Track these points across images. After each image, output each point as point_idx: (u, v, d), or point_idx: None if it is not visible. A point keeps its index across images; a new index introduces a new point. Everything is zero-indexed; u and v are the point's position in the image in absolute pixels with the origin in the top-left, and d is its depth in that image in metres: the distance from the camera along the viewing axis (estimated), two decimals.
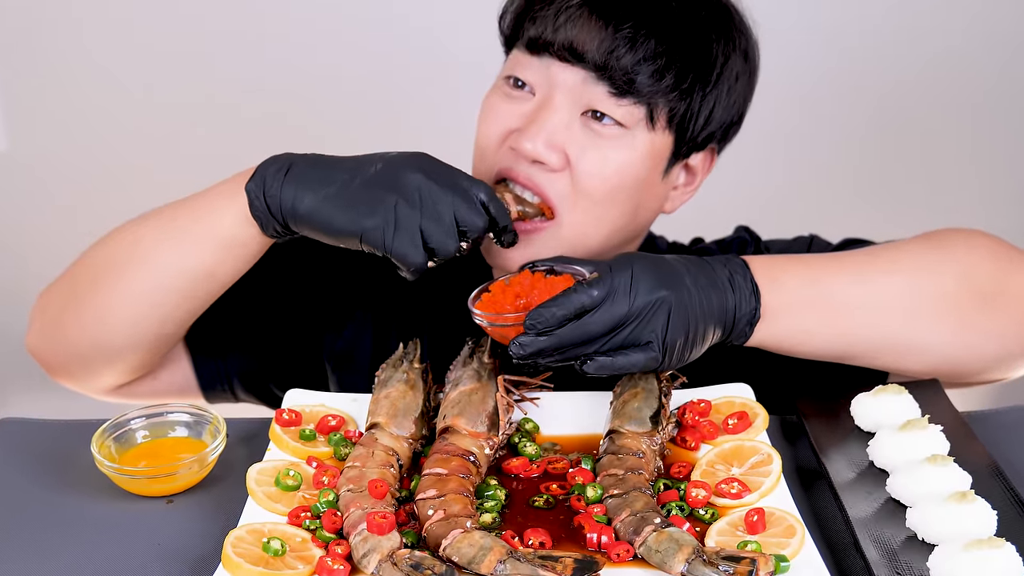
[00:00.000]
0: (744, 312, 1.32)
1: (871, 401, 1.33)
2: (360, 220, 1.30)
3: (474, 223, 1.32)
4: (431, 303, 1.68)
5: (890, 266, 1.40)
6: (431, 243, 1.30)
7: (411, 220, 1.29)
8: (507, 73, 1.50)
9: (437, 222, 1.30)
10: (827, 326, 1.37)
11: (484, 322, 1.31)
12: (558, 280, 1.32)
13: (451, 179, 1.32)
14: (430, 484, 1.23)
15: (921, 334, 1.40)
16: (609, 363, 1.26)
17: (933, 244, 1.44)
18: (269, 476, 1.27)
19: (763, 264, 1.36)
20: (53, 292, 1.53)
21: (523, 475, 1.31)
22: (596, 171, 1.44)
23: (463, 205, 1.31)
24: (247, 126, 2.80)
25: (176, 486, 1.30)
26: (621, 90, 1.42)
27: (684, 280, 1.28)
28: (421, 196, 1.30)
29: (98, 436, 1.32)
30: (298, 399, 1.42)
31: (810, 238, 1.70)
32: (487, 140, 1.50)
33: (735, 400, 1.40)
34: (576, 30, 1.42)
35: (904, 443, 1.25)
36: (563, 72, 1.44)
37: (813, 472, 1.33)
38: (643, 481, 1.24)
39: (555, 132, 1.43)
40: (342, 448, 1.33)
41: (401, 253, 1.29)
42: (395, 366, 1.42)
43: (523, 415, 1.41)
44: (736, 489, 1.23)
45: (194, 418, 1.37)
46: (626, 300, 1.25)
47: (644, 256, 1.30)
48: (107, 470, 1.29)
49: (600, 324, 1.25)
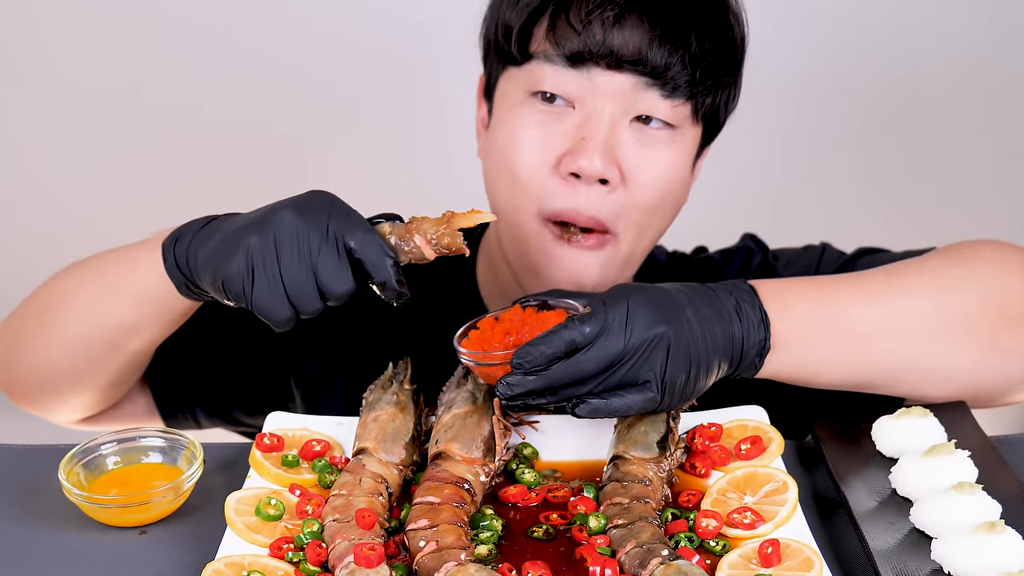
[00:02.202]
0: (753, 343, 1.31)
1: (894, 425, 1.33)
2: (222, 267, 1.24)
3: (331, 283, 1.23)
4: (415, 323, 1.68)
5: (911, 286, 1.40)
6: (291, 296, 1.24)
7: (270, 267, 1.23)
8: (532, 90, 1.47)
9: (294, 272, 1.22)
10: (844, 354, 1.37)
11: (470, 361, 1.30)
12: (550, 315, 1.31)
13: (318, 219, 1.22)
14: (422, 514, 1.22)
15: (945, 358, 1.39)
16: (603, 406, 1.25)
17: (956, 259, 1.44)
18: (249, 505, 1.26)
19: (772, 289, 1.35)
20: (6, 326, 1.59)
21: (521, 504, 1.31)
22: (653, 180, 1.46)
23: (326, 255, 1.22)
24: (221, 127, 2.84)
25: (150, 516, 1.29)
26: (672, 91, 1.44)
27: (685, 312, 1.27)
28: (277, 241, 1.22)
29: (66, 462, 1.31)
30: (280, 423, 1.42)
31: (822, 248, 1.70)
32: (531, 168, 1.47)
33: (748, 424, 1.39)
34: (626, 35, 1.42)
35: (929, 470, 1.24)
36: (610, 80, 1.44)
37: (831, 501, 1.33)
38: (650, 510, 1.23)
39: (609, 143, 1.44)
40: (327, 475, 1.33)
41: (262, 307, 1.24)
42: (384, 387, 1.41)
43: (521, 440, 1.40)
44: (749, 519, 1.23)
45: (169, 443, 1.37)
46: (621, 337, 1.23)
47: (640, 288, 1.29)
48: (76, 499, 1.28)
49: (593, 363, 1.23)
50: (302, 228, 1.22)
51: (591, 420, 1.41)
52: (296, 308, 1.25)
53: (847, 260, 1.65)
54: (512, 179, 1.49)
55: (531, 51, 1.47)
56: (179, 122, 2.86)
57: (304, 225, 1.22)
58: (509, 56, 1.50)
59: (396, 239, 1.26)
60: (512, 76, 1.51)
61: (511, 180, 1.49)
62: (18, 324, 1.55)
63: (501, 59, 1.53)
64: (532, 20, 1.47)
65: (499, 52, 1.53)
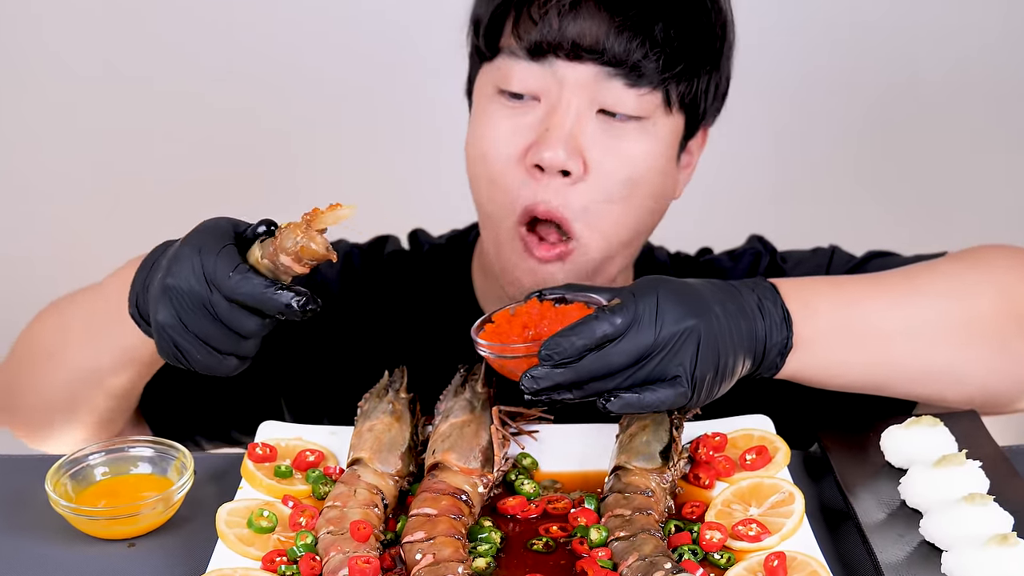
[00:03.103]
0: (776, 341, 1.31)
1: (903, 434, 1.33)
2: (159, 351, 1.25)
3: (241, 328, 1.20)
4: (411, 328, 1.68)
5: (928, 288, 1.40)
6: (221, 349, 1.22)
7: (187, 338, 1.21)
8: (499, 86, 1.49)
9: (208, 330, 1.21)
10: (864, 355, 1.37)
11: (490, 354, 1.28)
12: (570, 309, 1.30)
13: (196, 277, 1.19)
14: (418, 526, 1.22)
15: (958, 361, 1.39)
16: (636, 400, 1.24)
17: (970, 263, 1.45)
18: (241, 517, 1.26)
19: (793, 288, 1.35)
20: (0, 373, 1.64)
21: (520, 516, 1.30)
22: (616, 169, 1.45)
23: (221, 308, 1.20)
24: (217, 125, 2.87)
25: (139, 528, 1.28)
26: (637, 80, 1.43)
27: (712, 307, 1.27)
28: (179, 311, 1.20)
29: (53, 473, 1.31)
30: (273, 432, 1.41)
31: (831, 250, 1.70)
32: (500, 165, 1.48)
33: (753, 433, 1.39)
34: (584, 24, 1.42)
35: (939, 480, 1.24)
36: (572, 71, 1.44)
37: (839, 512, 1.32)
38: (652, 522, 1.23)
39: (573, 134, 1.44)
40: (321, 486, 1.32)
41: (207, 370, 1.23)
42: (379, 396, 1.41)
43: (520, 449, 1.40)
44: (754, 531, 1.22)
45: (158, 453, 1.36)
46: (652, 329, 1.23)
47: (668, 281, 1.28)
48: (63, 510, 1.27)
49: (623, 355, 1.22)
50: (193, 290, 1.20)
51: (592, 430, 1.42)
52: (235, 354, 1.24)
53: (857, 263, 1.66)
54: (488, 177, 1.50)
55: (499, 46, 1.49)
56: (176, 122, 2.89)
57: (190, 285, 1.20)
58: (481, 51, 1.52)
59: (268, 261, 1.21)
60: (484, 72, 1.53)
61: (487, 178, 1.50)
62: (10, 376, 1.61)
63: (477, 55, 1.55)
64: (499, 14, 1.49)
65: (474, 48, 1.55)
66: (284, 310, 1.18)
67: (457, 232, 1.79)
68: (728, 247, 1.80)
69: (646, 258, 1.71)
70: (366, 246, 1.78)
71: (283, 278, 1.21)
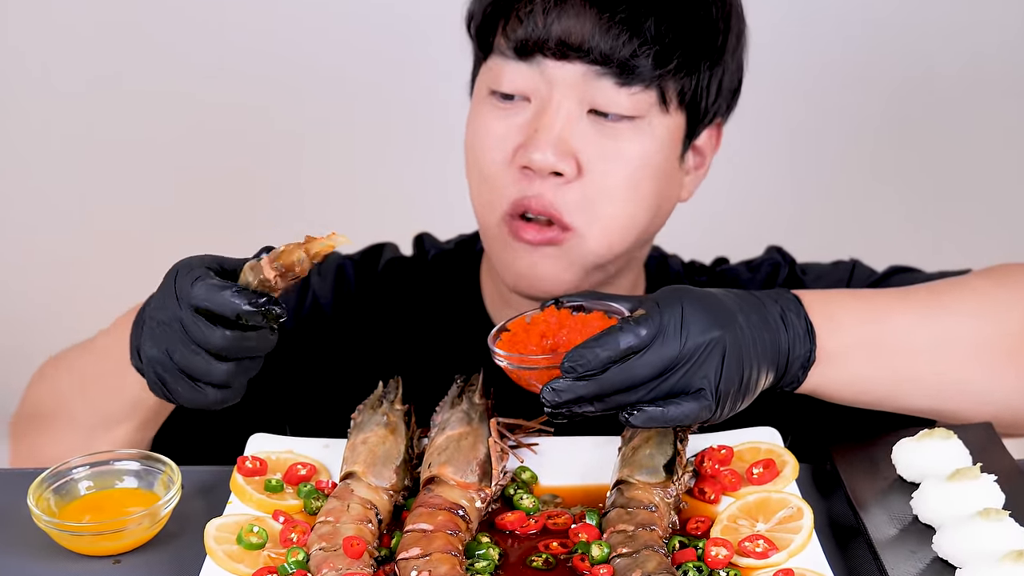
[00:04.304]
0: (799, 354, 1.31)
1: (915, 447, 1.32)
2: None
3: (209, 344, 1.22)
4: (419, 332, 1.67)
5: (956, 305, 1.41)
6: (200, 377, 1.26)
7: (171, 373, 1.26)
8: (491, 87, 1.50)
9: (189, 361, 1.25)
10: (888, 371, 1.37)
11: (509, 364, 1.28)
12: (591, 318, 1.30)
13: (174, 307, 1.24)
14: (413, 542, 1.21)
15: (984, 380, 1.40)
16: (660, 414, 1.23)
17: (998, 281, 1.45)
18: (230, 532, 1.25)
19: (817, 300, 1.35)
20: (12, 427, 1.66)
21: (519, 531, 1.30)
22: (612, 170, 1.45)
23: (196, 331, 1.23)
24: (217, 127, 2.90)
25: (124, 544, 1.28)
26: (628, 78, 1.43)
27: (737, 318, 1.27)
28: (169, 350, 1.25)
29: (35, 487, 1.30)
30: (263, 445, 1.41)
31: (852, 264, 1.71)
32: (492, 166, 1.49)
33: (760, 446, 1.39)
34: (570, 21, 1.42)
35: (953, 495, 1.24)
36: (560, 70, 1.44)
37: (849, 528, 1.32)
38: (656, 538, 1.22)
39: (563, 136, 1.44)
40: (313, 501, 1.32)
41: (192, 404, 1.27)
42: (373, 408, 1.40)
43: (519, 463, 1.39)
44: (762, 547, 1.22)
45: (144, 467, 1.35)
46: (677, 341, 1.22)
47: (691, 291, 1.28)
48: (46, 526, 1.27)
49: (647, 368, 1.22)
50: (167, 311, 1.24)
51: (593, 442, 1.41)
52: (210, 381, 1.25)
53: (879, 278, 1.66)
54: (480, 178, 1.51)
55: (492, 45, 1.50)
56: (172, 119, 2.91)
57: (164, 307, 1.24)
58: (478, 47, 1.54)
59: (252, 278, 1.23)
60: (481, 71, 1.54)
61: (480, 179, 1.51)
62: (17, 433, 1.64)
63: (474, 54, 1.56)
64: (490, 13, 1.50)
65: (473, 43, 1.56)
66: (241, 311, 1.20)
67: (465, 237, 1.78)
68: (741, 249, 1.80)
69: (659, 266, 1.71)
70: (359, 256, 1.77)
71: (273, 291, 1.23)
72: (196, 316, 1.21)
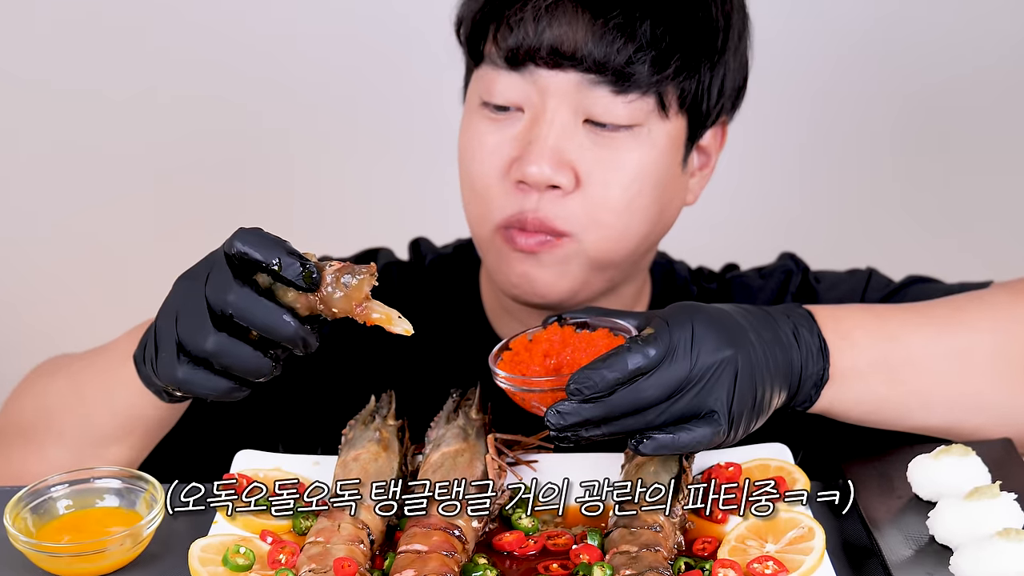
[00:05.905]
0: (811, 373, 1.31)
1: (932, 464, 1.31)
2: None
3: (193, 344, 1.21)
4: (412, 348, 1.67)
5: (977, 322, 1.40)
6: None
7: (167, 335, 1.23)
8: (483, 98, 1.49)
9: None
10: (904, 391, 1.37)
11: (511, 386, 1.27)
12: (596, 336, 1.29)
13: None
14: (407, 563, 1.21)
15: (1007, 400, 1.40)
16: (670, 441, 1.22)
17: (1021, 295, 1.44)
18: (216, 553, 1.24)
19: (830, 316, 1.34)
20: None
21: (518, 552, 1.29)
22: (613, 181, 1.44)
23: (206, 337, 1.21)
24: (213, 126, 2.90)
25: (105, 565, 1.27)
26: (624, 86, 1.42)
27: (748, 336, 1.26)
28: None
29: (12, 506, 1.29)
30: (250, 462, 1.40)
31: (868, 272, 1.70)
32: (485, 179, 1.49)
33: (770, 463, 1.38)
34: (562, 28, 1.42)
35: (971, 514, 1.23)
36: (553, 79, 1.44)
37: (863, 549, 1.31)
38: (660, 560, 1.21)
39: (559, 148, 1.43)
40: (302, 520, 1.31)
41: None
42: (365, 423, 1.40)
43: (518, 481, 1.38)
44: (771, 569, 1.21)
45: (126, 485, 1.34)
46: (687, 361, 1.21)
47: (702, 308, 1.27)
48: (23, 546, 1.26)
49: (656, 389, 1.21)
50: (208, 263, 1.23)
51: (595, 460, 1.40)
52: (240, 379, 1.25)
53: (896, 288, 1.66)
54: (472, 190, 1.51)
55: (483, 53, 1.50)
56: (163, 122, 2.93)
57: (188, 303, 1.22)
58: (468, 53, 1.54)
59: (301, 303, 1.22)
60: (473, 79, 1.54)
61: (473, 193, 1.51)
62: (5, 446, 1.60)
63: (465, 60, 1.56)
64: (480, 19, 1.49)
65: (463, 49, 1.56)
66: (286, 338, 1.19)
67: (463, 241, 1.78)
68: (752, 254, 1.80)
69: (665, 273, 1.70)
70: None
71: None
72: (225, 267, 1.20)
